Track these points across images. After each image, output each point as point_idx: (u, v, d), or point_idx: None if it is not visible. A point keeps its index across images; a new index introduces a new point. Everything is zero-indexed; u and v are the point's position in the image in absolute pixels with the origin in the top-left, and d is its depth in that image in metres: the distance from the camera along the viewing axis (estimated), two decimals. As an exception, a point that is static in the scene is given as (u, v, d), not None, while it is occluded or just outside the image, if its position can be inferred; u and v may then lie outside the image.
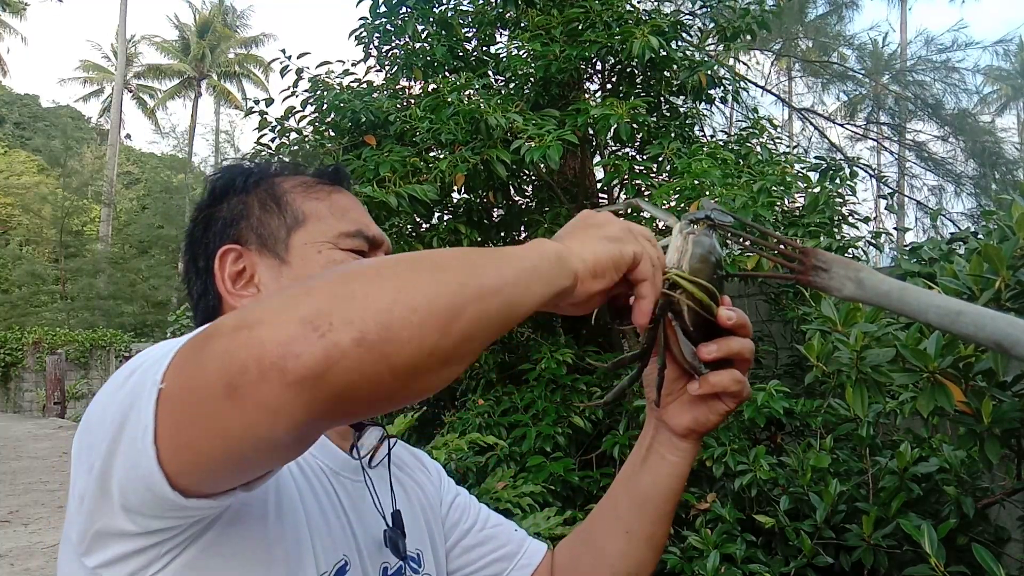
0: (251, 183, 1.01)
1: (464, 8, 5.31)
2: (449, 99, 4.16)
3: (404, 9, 5.09)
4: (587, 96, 5.26)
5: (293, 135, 4.88)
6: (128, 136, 50.98)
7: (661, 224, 0.97)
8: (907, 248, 3.71)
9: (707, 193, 3.58)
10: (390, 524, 0.96)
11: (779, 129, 6.42)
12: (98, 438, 0.66)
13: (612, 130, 4.05)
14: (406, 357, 0.56)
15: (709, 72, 4.76)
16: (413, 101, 4.74)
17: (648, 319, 0.81)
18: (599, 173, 5.31)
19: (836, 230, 4.32)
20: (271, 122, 4.87)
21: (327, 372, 0.53)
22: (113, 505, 0.66)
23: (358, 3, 5.16)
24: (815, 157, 5.83)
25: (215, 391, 0.55)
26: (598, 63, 5.10)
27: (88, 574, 0.70)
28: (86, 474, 0.67)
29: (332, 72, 4.98)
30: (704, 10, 5.73)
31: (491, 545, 1.11)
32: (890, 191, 7.97)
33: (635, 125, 4.13)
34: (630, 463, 1.00)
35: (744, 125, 5.82)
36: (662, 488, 0.96)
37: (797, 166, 4.86)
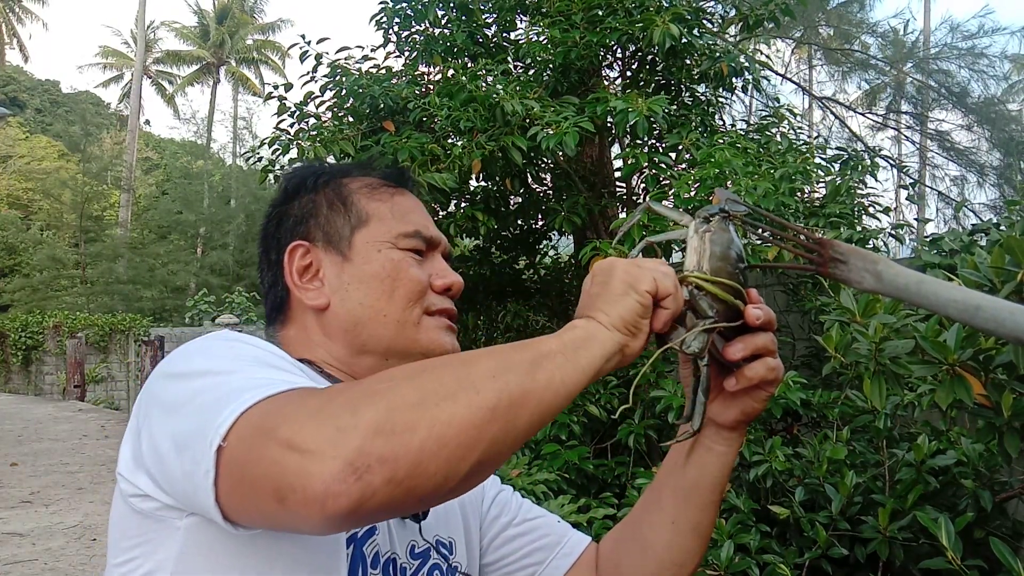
0: (321, 183, 1.08)
1: (485, -7, 5.29)
2: (468, 86, 4.14)
3: (425, -6, 5.07)
4: (607, 84, 5.22)
5: (312, 120, 4.88)
6: (147, 122, 51.15)
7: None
8: (927, 239, 3.67)
9: (729, 184, 3.55)
10: None
11: (799, 117, 6.36)
12: (157, 427, 0.76)
13: (630, 125, 4.01)
14: (431, 487, 0.63)
15: (732, 63, 4.72)
16: (432, 87, 4.73)
17: (665, 326, 0.81)
18: (617, 162, 5.28)
19: (856, 221, 4.28)
20: (290, 107, 4.88)
21: (359, 509, 0.61)
22: (158, 482, 0.77)
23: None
24: (836, 147, 5.77)
25: (266, 490, 0.64)
26: (618, 50, 5.06)
27: (126, 501, 0.81)
28: (135, 437, 0.80)
29: (351, 58, 4.98)
30: (726, -3, 5.67)
31: (532, 536, 1.13)
32: (911, 181, 7.88)
33: (653, 120, 4.06)
34: (674, 455, 1.01)
35: (764, 114, 5.76)
36: (709, 478, 0.98)
37: (818, 157, 4.81)
